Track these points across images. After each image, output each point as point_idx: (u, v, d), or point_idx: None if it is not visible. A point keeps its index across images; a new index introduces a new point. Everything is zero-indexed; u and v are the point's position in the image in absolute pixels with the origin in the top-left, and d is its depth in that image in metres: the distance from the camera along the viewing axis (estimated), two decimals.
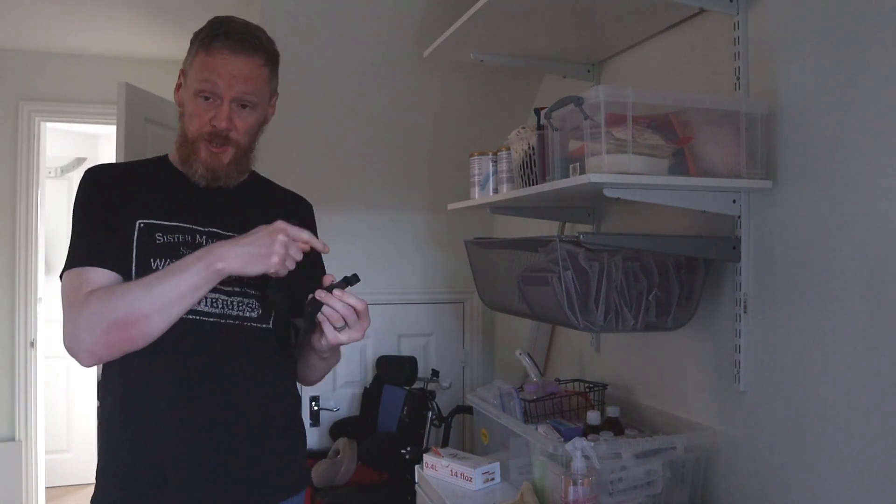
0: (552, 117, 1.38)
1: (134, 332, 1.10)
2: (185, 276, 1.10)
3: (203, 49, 1.20)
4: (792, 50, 1.32)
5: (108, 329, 1.09)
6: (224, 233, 1.25)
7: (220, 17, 1.25)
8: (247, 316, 1.23)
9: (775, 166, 1.34)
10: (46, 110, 3.43)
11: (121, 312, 1.09)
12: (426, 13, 2.22)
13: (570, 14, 1.60)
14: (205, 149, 1.23)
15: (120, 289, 1.12)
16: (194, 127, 1.22)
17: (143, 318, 1.09)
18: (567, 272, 1.37)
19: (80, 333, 1.10)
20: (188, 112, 1.23)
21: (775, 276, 1.36)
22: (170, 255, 1.18)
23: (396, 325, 2.81)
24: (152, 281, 1.11)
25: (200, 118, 1.22)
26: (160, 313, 1.10)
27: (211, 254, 1.10)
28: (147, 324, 1.10)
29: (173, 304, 1.10)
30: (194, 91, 1.21)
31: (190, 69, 1.23)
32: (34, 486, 3.45)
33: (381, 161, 2.71)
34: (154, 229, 1.20)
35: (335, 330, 1.14)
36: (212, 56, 1.19)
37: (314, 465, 2.37)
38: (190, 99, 1.23)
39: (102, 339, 1.10)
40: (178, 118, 1.27)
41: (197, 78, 1.21)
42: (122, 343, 1.11)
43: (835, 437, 1.22)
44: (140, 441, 1.17)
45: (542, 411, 1.78)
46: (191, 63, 1.23)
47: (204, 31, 1.23)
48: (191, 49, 1.24)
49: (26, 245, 3.43)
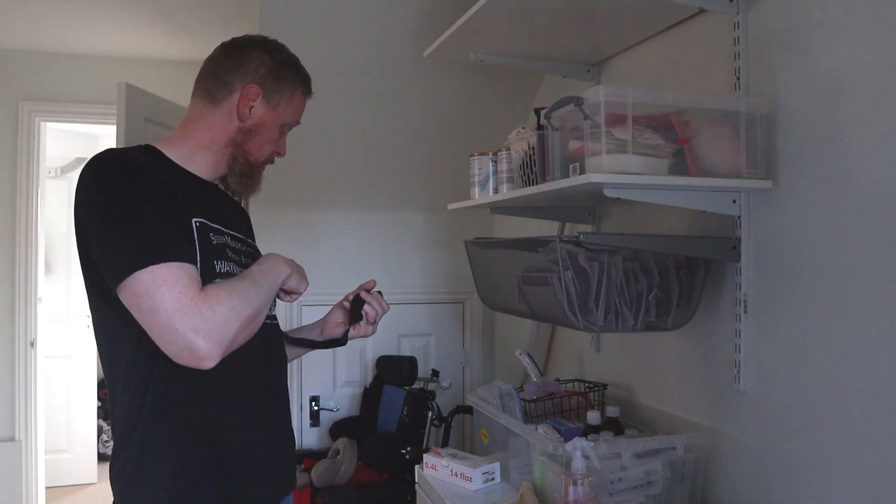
0: (552, 117, 1.38)
1: (253, 327, 1.12)
2: (271, 277, 1.19)
3: (302, 90, 1.33)
4: (792, 50, 1.32)
5: (245, 323, 1.08)
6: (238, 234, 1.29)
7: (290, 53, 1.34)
8: (272, 314, 1.31)
9: (775, 166, 1.34)
10: (46, 110, 3.43)
11: (251, 308, 1.10)
12: (426, 13, 2.22)
13: (570, 14, 1.60)
14: (260, 172, 1.33)
15: (236, 285, 1.10)
16: (267, 152, 1.31)
17: (259, 313, 1.14)
18: (567, 272, 1.37)
19: (218, 330, 1.02)
20: (265, 136, 1.29)
21: (775, 276, 1.36)
22: (222, 258, 1.17)
23: (396, 325, 2.81)
24: (258, 279, 1.16)
25: (275, 146, 1.32)
26: (264, 311, 1.17)
27: (280, 261, 1.23)
28: (260, 319, 1.15)
29: (267, 303, 1.18)
30: (283, 123, 1.31)
31: (288, 102, 1.30)
32: (34, 486, 3.45)
33: (381, 161, 2.71)
34: (207, 230, 1.18)
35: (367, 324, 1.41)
36: (305, 98, 1.35)
37: (314, 465, 2.37)
38: (275, 126, 1.29)
39: (237, 334, 1.06)
40: (239, 132, 1.25)
41: (293, 114, 1.32)
42: (244, 339, 1.11)
43: (835, 436, 1.22)
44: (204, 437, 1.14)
45: (542, 411, 1.79)
46: (290, 98, 1.30)
47: (294, 68, 1.31)
48: (287, 82, 1.30)
49: (26, 245, 3.43)
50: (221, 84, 1.25)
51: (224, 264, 1.17)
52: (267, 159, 1.32)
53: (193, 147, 1.25)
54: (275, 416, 1.29)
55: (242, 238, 1.29)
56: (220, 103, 1.25)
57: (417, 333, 2.87)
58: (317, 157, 2.59)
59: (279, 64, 1.28)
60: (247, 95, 1.25)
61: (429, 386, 2.59)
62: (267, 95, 1.26)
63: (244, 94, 1.24)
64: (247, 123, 1.25)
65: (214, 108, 1.25)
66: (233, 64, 1.26)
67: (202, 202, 1.21)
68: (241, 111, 1.25)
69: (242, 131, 1.26)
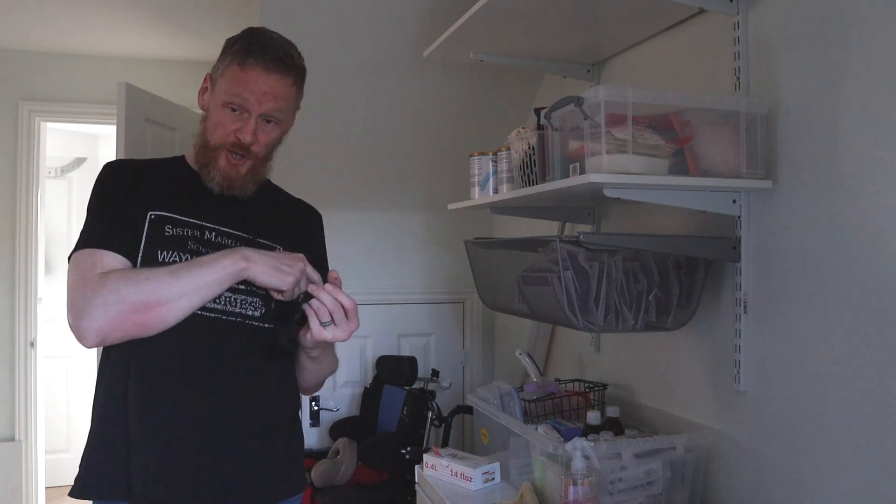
0: (552, 117, 1.38)
1: (152, 316, 1.11)
2: (211, 269, 1.13)
3: (238, 62, 1.22)
4: (792, 50, 1.32)
5: (127, 310, 1.09)
6: (231, 231, 1.27)
7: (256, 29, 1.28)
8: (248, 314, 1.23)
9: (775, 166, 1.34)
10: (46, 110, 3.43)
11: (143, 295, 1.10)
12: (426, 13, 2.22)
13: (570, 14, 1.60)
14: (224, 158, 1.25)
15: (145, 272, 1.13)
16: (217, 136, 1.25)
17: (164, 303, 1.11)
18: (567, 272, 1.37)
19: (94, 311, 1.09)
20: (213, 119, 1.26)
21: (775, 276, 1.36)
22: (177, 248, 1.20)
23: (396, 325, 2.81)
24: (179, 269, 1.13)
25: (225, 128, 1.24)
26: (180, 301, 1.12)
27: (238, 252, 1.15)
28: (166, 310, 1.11)
29: (194, 294, 1.12)
30: (222, 101, 1.23)
31: (221, 78, 1.24)
32: (34, 486, 3.45)
33: (381, 161, 2.71)
34: (164, 221, 1.22)
35: (320, 325, 1.14)
36: (245, 71, 1.21)
37: (314, 465, 2.37)
38: (217, 108, 1.25)
39: (118, 320, 1.10)
40: (200, 121, 1.29)
41: (228, 90, 1.22)
42: (136, 326, 1.11)
43: (835, 436, 1.22)
44: (134, 435, 1.16)
45: (542, 411, 1.79)
46: (222, 73, 1.24)
47: (239, 44, 1.24)
48: (223, 57, 1.25)
49: (26, 245, 3.43)
50: None
51: (172, 254, 1.19)
52: (221, 144, 1.24)
53: (192, 146, 1.32)
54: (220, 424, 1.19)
55: (230, 232, 1.27)
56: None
57: (417, 333, 2.87)
58: (316, 157, 2.59)
59: (225, 47, 1.26)
60: (201, 86, 1.30)
61: (429, 386, 2.59)
62: (212, 80, 1.28)
63: (201, 85, 1.30)
64: (204, 113, 1.29)
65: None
66: None
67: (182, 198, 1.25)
68: (199, 103, 1.30)
69: (202, 121, 1.29)
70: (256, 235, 1.30)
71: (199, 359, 1.19)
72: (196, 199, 1.27)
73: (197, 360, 1.19)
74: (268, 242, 1.31)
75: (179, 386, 1.18)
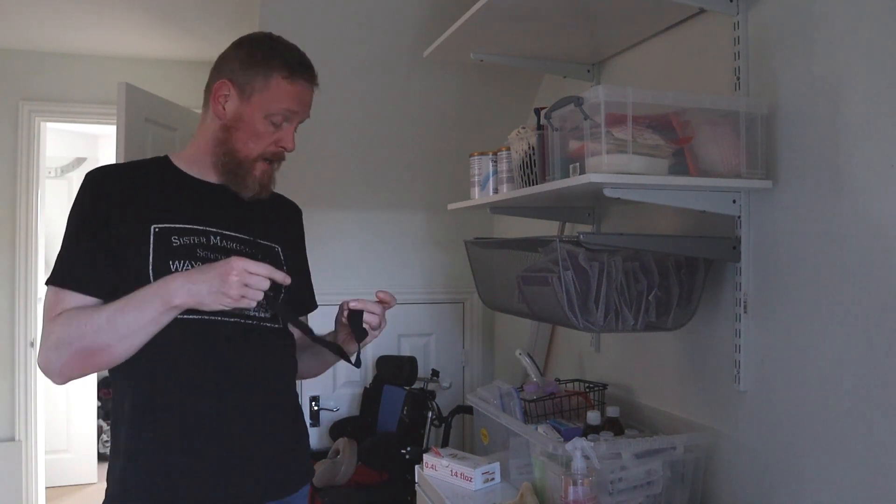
0: (552, 117, 1.38)
1: (98, 359, 1.15)
2: (144, 311, 1.13)
3: (283, 76, 1.25)
4: (792, 50, 1.32)
5: (74, 356, 1.14)
6: (234, 234, 1.28)
7: (278, 38, 1.30)
8: (261, 316, 1.28)
9: (775, 166, 1.34)
10: (46, 110, 3.43)
11: (85, 342, 1.13)
12: (426, 13, 2.22)
13: (570, 14, 1.60)
14: (261, 167, 1.28)
15: (83, 317, 1.14)
16: (257, 147, 1.27)
17: (106, 347, 1.14)
18: (567, 272, 1.37)
19: (49, 354, 1.15)
20: (249, 130, 1.26)
21: (775, 276, 1.36)
22: (188, 258, 1.21)
23: (396, 325, 2.80)
24: (113, 313, 1.13)
25: (265, 139, 1.27)
26: (121, 343, 1.14)
27: (166, 290, 1.13)
28: (110, 353, 1.15)
29: (134, 336, 1.14)
30: (266, 113, 1.25)
31: (263, 91, 1.25)
32: (34, 486, 3.45)
33: (381, 161, 2.71)
34: (170, 233, 1.22)
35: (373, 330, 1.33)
36: (294, 86, 1.26)
37: (314, 465, 2.37)
38: (256, 119, 1.26)
39: (69, 364, 1.15)
40: (222, 129, 1.27)
41: (276, 103, 1.25)
42: (88, 368, 1.16)
43: (834, 436, 1.22)
44: (164, 436, 1.19)
45: (542, 411, 1.79)
46: (264, 85, 1.25)
47: (279, 57, 1.26)
48: (259, 70, 1.25)
49: (26, 245, 3.43)
50: (206, 87, 1.31)
51: (184, 263, 1.20)
52: (261, 154, 1.28)
53: (196, 152, 1.32)
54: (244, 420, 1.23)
55: (233, 235, 1.28)
56: (207, 106, 1.31)
57: (417, 333, 2.87)
58: (316, 157, 2.59)
59: (249, 55, 1.27)
60: (217, 93, 1.28)
61: (429, 386, 2.59)
62: (239, 89, 1.27)
63: (214, 91, 1.28)
64: (226, 121, 1.28)
65: (206, 111, 1.32)
66: (214, 65, 1.31)
67: (182, 206, 1.25)
68: (216, 109, 1.28)
69: (224, 129, 1.28)
70: (257, 237, 1.33)
71: (223, 363, 1.23)
72: (195, 205, 1.28)
73: (222, 364, 1.23)
74: (268, 243, 1.35)
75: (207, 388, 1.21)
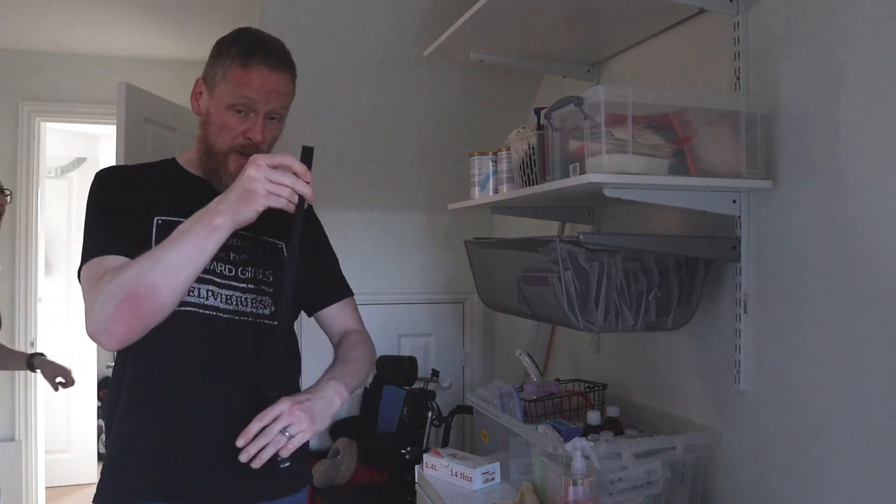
0: (552, 117, 1.38)
1: (146, 305, 1.10)
2: (187, 238, 1.10)
3: (239, 64, 1.23)
4: (792, 50, 1.32)
5: (121, 305, 1.09)
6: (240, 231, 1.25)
7: (248, 30, 1.30)
8: (260, 313, 1.28)
9: (775, 166, 1.34)
10: (46, 110, 3.43)
11: (131, 286, 1.09)
12: (426, 13, 2.22)
13: (570, 14, 1.60)
14: (234, 160, 1.27)
15: (128, 264, 1.13)
16: (225, 139, 1.26)
17: (152, 287, 1.09)
18: (567, 272, 1.37)
19: (98, 315, 1.10)
20: (217, 123, 1.26)
21: (775, 276, 1.36)
22: None
23: (396, 325, 2.81)
24: (157, 251, 1.11)
25: (232, 131, 1.25)
26: (168, 281, 1.09)
27: (206, 211, 1.12)
28: (157, 294, 1.09)
29: (180, 270, 1.10)
30: (227, 104, 1.24)
31: (222, 82, 1.25)
32: (34, 486, 3.45)
33: (381, 161, 2.71)
34: (172, 226, 1.20)
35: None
36: (249, 72, 1.23)
37: (314, 465, 2.37)
38: (220, 111, 1.25)
39: (117, 317, 1.10)
40: (200, 126, 1.30)
41: (233, 92, 1.23)
42: (136, 319, 1.11)
43: (834, 436, 1.22)
44: (155, 432, 1.19)
45: (542, 411, 1.79)
46: (223, 76, 1.25)
47: (237, 46, 1.25)
48: (219, 61, 1.26)
49: (26, 245, 3.42)
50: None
51: None
52: (231, 147, 1.26)
53: (196, 152, 1.33)
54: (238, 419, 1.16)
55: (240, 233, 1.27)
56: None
57: (417, 333, 2.87)
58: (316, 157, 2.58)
59: (216, 50, 1.28)
60: (194, 91, 1.31)
61: (429, 386, 2.59)
62: (208, 84, 1.29)
63: (192, 91, 1.31)
64: (202, 117, 1.30)
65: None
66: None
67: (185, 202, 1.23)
68: (194, 108, 1.31)
69: (202, 126, 1.31)
70: (260, 234, 1.32)
71: (218, 358, 1.23)
72: (198, 202, 1.26)
73: (216, 359, 1.23)
74: (271, 240, 1.34)
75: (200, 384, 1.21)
